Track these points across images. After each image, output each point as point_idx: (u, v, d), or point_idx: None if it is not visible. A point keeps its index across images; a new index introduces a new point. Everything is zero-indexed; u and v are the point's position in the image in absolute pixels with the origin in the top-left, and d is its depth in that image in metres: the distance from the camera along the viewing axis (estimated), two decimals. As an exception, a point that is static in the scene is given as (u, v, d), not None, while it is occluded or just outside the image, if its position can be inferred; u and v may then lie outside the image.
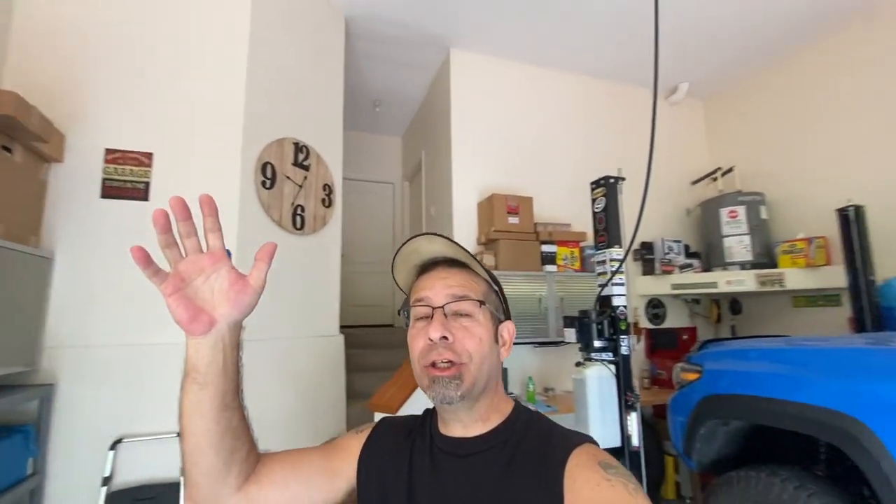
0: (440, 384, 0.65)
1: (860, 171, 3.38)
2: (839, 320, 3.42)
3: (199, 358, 0.57)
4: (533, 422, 0.71)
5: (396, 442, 0.76)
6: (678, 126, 4.65)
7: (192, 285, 0.57)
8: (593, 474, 0.57)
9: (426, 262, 0.76)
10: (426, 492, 0.67)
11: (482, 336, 0.69)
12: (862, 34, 3.41)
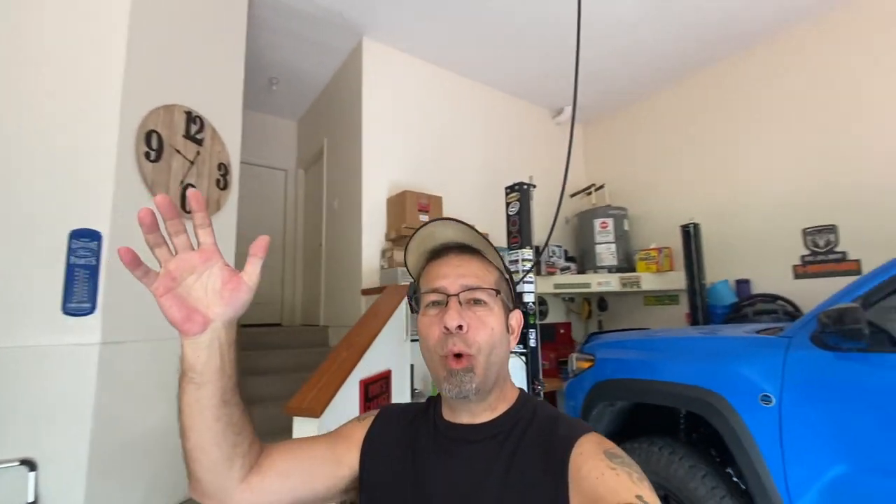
0: (457, 378, 0.64)
1: (699, 196, 4.23)
2: (678, 315, 4.22)
3: (195, 357, 0.56)
4: (539, 409, 0.71)
5: (400, 429, 0.75)
6: (562, 144, 5.21)
7: (184, 284, 0.56)
8: (598, 463, 0.57)
9: (438, 247, 0.74)
10: (433, 477, 0.67)
11: (494, 326, 0.68)
12: (711, 82, 4.27)
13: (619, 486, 0.52)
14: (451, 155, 4.14)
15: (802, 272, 3.57)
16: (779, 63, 3.78)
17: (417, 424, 0.75)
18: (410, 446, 0.72)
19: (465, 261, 0.71)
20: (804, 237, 3.58)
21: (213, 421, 0.58)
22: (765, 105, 3.85)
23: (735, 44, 3.94)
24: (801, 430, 1.69)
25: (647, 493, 0.52)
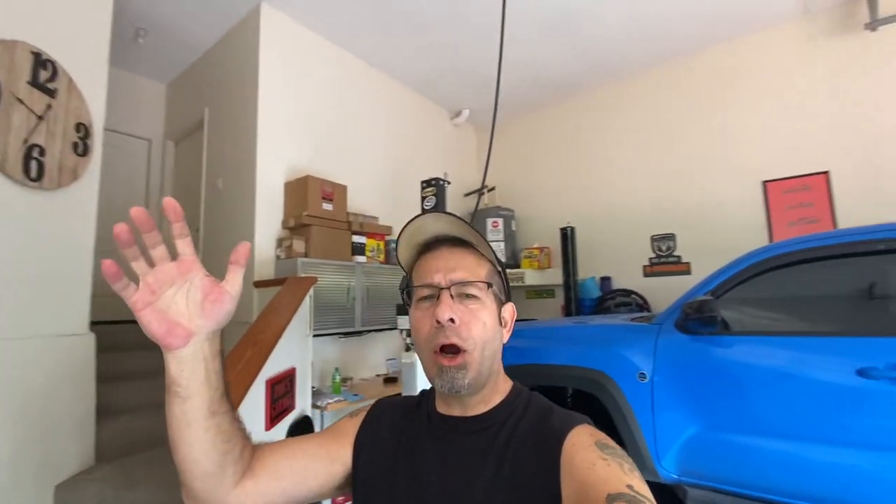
0: (448, 374, 0.65)
1: (576, 202, 4.80)
2: (554, 307, 4.74)
3: (178, 371, 0.55)
4: (532, 401, 0.71)
5: (394, 422, 0.75)
6: (458, 144, 5.43)
7: (164, 297, 0.54)
8: (590, 454, 0.57)
9: (429, 240, 0.73)
10: (426, 470, 0.67)
11: (487, 320, 0.67)
12: (590, 105, 4.87)
13: (609, 475, 0.53)
14: (355, 144, 4.00)
15: (650, 271, 4.33)
16: (641, 96, 4.51)
17: (411, 417, 0.75)
18: (403, 439, 0.72)
19: (456, 254, 0.70)
20: (652, 243, 4.34)
21: (201, 432, 0.57)
22: (629, 130, 4.56)
23: (608, 75, 4.57)
24: (668, 400, 2.07)
25: (637, 483, 0.52)
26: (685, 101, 4.26)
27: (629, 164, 4.53)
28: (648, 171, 4.41)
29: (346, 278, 3.33)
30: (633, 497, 0.49)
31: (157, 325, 0.53)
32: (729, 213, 3.98)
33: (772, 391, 1.87)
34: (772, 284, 2.04)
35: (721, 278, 2.12)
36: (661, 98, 4.40)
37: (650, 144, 4.42)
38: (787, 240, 2.10)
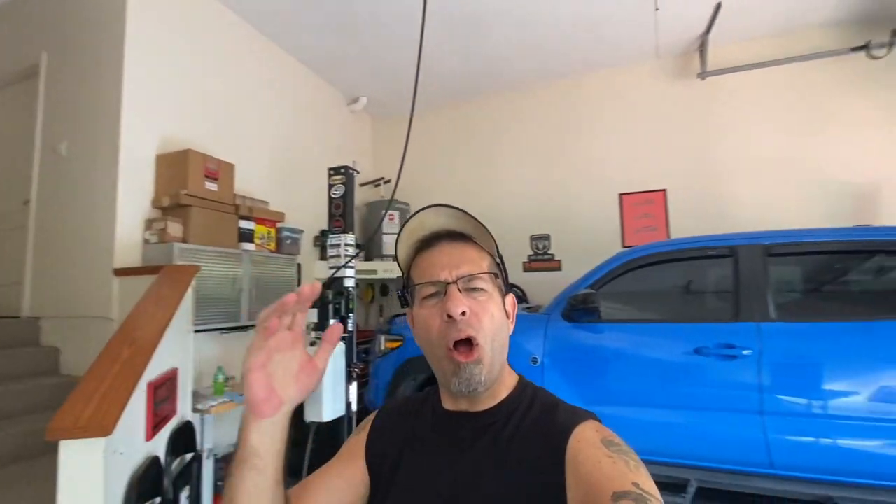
0: (466, 371, 0.63)
1: (466, 201, 5.03)
2: (445, 300, 4.95)
3: (260, 442, 0.56)
4: (538, 396, 0.70)
5: (399, 424, 0.75)
6: (355, 132, 5.29)
7: (272, 362, 0.56)
8: (595, 451, 0.56)
9: (427, 236, 0.72)
10: (433, 467, 0.67)
11: (495, 312, 0.67)
12: (483, 110, 5.14)
13: (615, 473, 0.53)
14: (245, 120, 3.62)
15: (529, 267, 4.80)
16: (530, 109, 4.96)
17: (416, 416, 0.75)
18: (410, 438, 0.72)
19: (458, 248, 0.69)
20: (531, 241, 4.82)
21: (267, 503, 0.58)
22: (518, 139, 4.97)
23: (503, 86, 4.92)
24: (555, 381, 2.36)
25: (643, 480, 0.52)
26: (565, 118, 4.81)
27: (515, 170, 4.95)
28: (531, 178, 4.87)
29: (232, 267, 3.03)
30: (639, 495, 0.49)
31: (260, 389, 0.54)
32: (593, 219, 4.62)
33: (634, 368, 2.27)
34: (635, 280, 2.46)
35: (598, 274, 2.49)
36: (546, 113, 4.89)
37: (535, 154, 4.89)
38: (648, 244, 2.56)
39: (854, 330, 2.02)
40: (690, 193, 4.29)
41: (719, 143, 4.23)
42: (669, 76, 4.46)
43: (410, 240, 0.73)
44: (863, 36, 3.76)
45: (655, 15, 3.84)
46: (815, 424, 1.97)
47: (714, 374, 2.09)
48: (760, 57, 4.07)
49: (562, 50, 4.32)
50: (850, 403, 1.94)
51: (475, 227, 0.70)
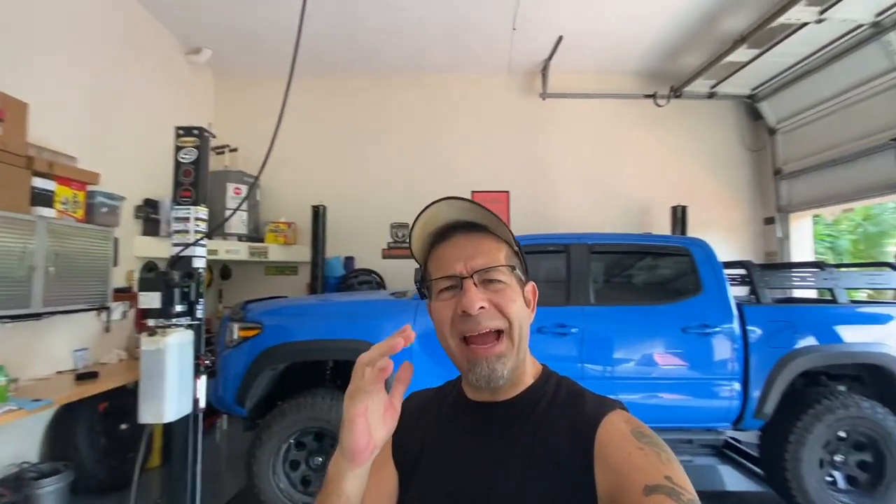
0: (485, 366, 0.62)
1: (329, 181, 4.84)
2: (299, 285, 4.68)
3: (354, 488, 0.55)
4: (563, 385, 0.69)
5: (421, 418, 0.74)
6: (193, 88, 4.54)
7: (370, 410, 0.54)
8: (626, 442, 0.55)
9: (442, 228, 0.69)
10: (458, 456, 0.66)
11: (516, 299, 0.65)
12: (357, 89, 4.94)
13: (646, 465, 0.52)
14: (45, 49, 2.77)
15: (388, 254, 4.89)
16: (404, 98, 5.00)
17: (438, 407, 0.74)
18: (433, 430, 0.71)
19: (473, 240, 0.67)
20: (391, 229, 4.91)
21: None
22: (382, 124, 4.98)
23: (373, 68, 4.85)
24: (422, 362, 2.49)
25: (675, 473, 0.51)
26: (429, 113, 5.01)
27: (380, 156, 4.95)
28: (395, 166, 4.94)
29: (20, 238, 2.34)
30: (672, 489, 0.48)
31: (363, 436, 0.52)
32: (449, 212, 4.95)
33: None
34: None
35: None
36: (413, 105, 5.01)
37: (399, 143, 4.97)
38: (521, 236, 2.88)
39: (640, 312, 2.68)
40: (529, 196, 4.95)
41: (554, 156, 4.99)
42: (518, 91, 5.05)
43: (424, 232, 0.70)
44: (652, 87, 4.89)
45: (512, 34, 4.30)
46: (615, 385, 2.55)
47: (551, 349, 2.52)
48: (586, 89, 4.93)
49: (429, 47, 4.49)
50: (635, 367, 2.57)
51: (489, 218, 0.67)
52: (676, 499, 0.47)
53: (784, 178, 4.81)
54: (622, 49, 4.57)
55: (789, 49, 3.90)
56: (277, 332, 2.50)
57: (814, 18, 3.43)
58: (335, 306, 2.80)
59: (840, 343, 2.68)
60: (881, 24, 3.45)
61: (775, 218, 4.86)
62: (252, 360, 2.45)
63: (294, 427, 2.39)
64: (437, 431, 0.71)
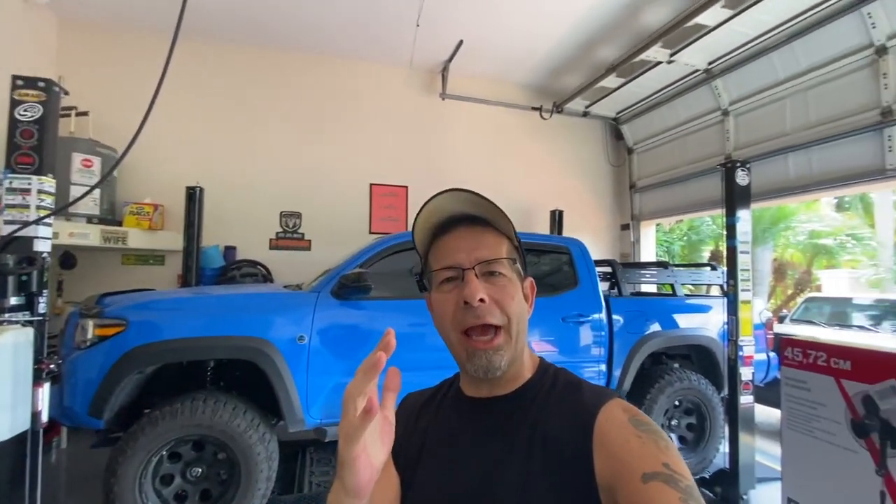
0: (483, 356, 0.63)
1: (208, 161, 4.31)
2: (166, 276, 4.09)
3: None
4: (560, 376, 0.69)
5: (422, 413, 0.74)
6: (30, 32, 3.66)
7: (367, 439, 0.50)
8: (624, 431, 0.56)
9: (444, 220, 0.69)
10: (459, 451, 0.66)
11: (515, 294, 0.66)
12: (255, 61, 4.43)
13: (644, 453, 0.52)
14: None
15: (276, 245, 4.55)
16: (301, 78, 4.67)
17: (437, 406, 0.73)
18: (432, 429, 0.70)
19: (476, 232, 0.68)
20: (280, 218, 4.58)
21: None
22: (277, 103, 4.60)
23: (272, 41, 4.45)
24: (322, 358, 2.40)
25: (673, 460, 0.52)
26: (328, 98, 4.78)
27: (272, 137, 4.57)
28: (288, 151, 4.62)
29: None
30: (670, 475, 0.49)
31: (365, 472, 0.49)
32: (345, 203, 4.80)
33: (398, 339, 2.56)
34: (395, 262, 2.77)
35: (366, 256, 2.66)
36: (311, 88, 4.73)
37: (297, 126, 4.65)
38: (407, 231, 2.90)
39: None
40: (428, 192, 4.93)
41: (451, 155, 5.16)
42: (419, 88, 5.10)
43: (427, 224, 0.69)
44: (539, 100, 5.36)
45: (416, 30, 4.33)
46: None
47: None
48: (482, 95, 5.20)
49: (330, 29, 4.30)
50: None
51: (493, 211, 0.67)
52: (674, 485, 0.48)
53: (637, 191, 5.69)
54: (515, 62, 4.92)
55: (646, 82, 4.63)
56: (147, 330, 2.16)
57: (666, 59, 4.12)
58: (221, 300, 2.51)
59: (677, 328, 3.27)
60: (711, 71, 4.29)
61: (630, 225, 5.72)
62: (113, 363, 2.07)
63: (168, 436, 2.09)
64: (437, 430, 0.70)
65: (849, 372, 1.40)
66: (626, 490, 0.50)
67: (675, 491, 0.48)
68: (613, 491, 0.52)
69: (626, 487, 0.50)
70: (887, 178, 3.20)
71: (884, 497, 1.26)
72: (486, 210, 0.67)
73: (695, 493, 0.49)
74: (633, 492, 0.49)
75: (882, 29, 3.09)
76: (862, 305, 5.50)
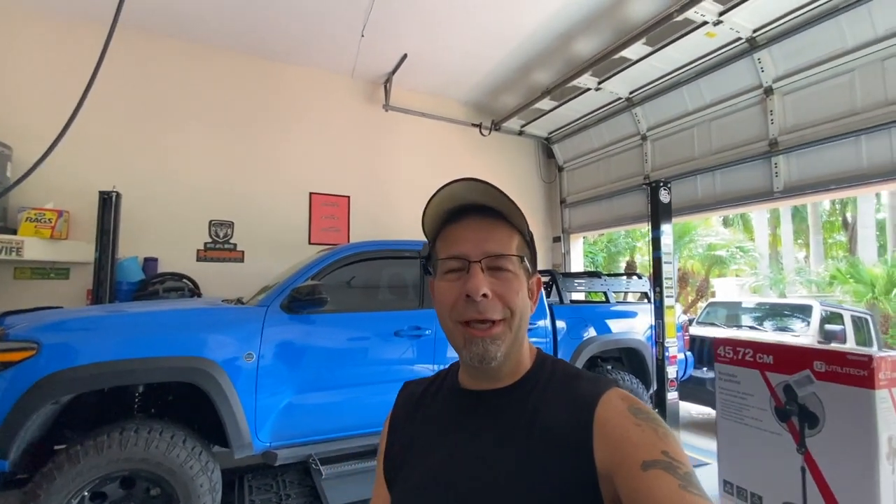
0: (479, 344, 0.62)
1: (125, 165, 3.87)
2: (72, 292, 3.59)
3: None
4: (558, 367, 0.69)
5: (414, 403, 0.75)
6: None
7: None
8: (623, 419, 0.56)
9: (456, 208, 0.68)
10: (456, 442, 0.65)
11: (520, 290, 0.65)
12: (179, 57, 4.05)
13: (644, 441, 0.53)
14: None
15: (204, 256, 4.20)
16: (227, 75, 4.37)
17: (434, 394, 0.74)
18: (426, 420, 0.71)
19: (487, 225, 0.66)
20: (210, 227, 4.24)
21: None
22: (206, 104, 4.27)
23: (203, 36, 4.14)
24: (272, 376, 2.26)
25: (672, 448, 0.52)
26: (264, 102, 4.55)
27: (203, 143, 4.23)
28: (221, 156, 4.30)
29: None
30: (669, 463, 0.50)
31: None
32: (282, 212, 4.58)
33: (347, 353, 2.49)
34: (346, 274, 2.70)
35: (318, 267, 2.57)
36: (245, 89, 4.47)
37: (230, 130, 4.35)
38: (357, 243, 2.85)
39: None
40: (369, 203, 4.98)
41: (395, 166, 5.15)
42: (361, 98, 5.06)
43: (440, 209, 0.67)
44: (479, 117, 5.56)
45: (360, 41, 4.31)
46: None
47: (408, 350, 2.60)
48: (425, 109, 5.28)
49: (267, 30, 4.12)
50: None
51: (507, 205, 0.65)
52: (673, 472, 0.49)
53: (567, 206, 6.09)
54: (457, 79, 5.08)
55: (576, 106, 5.01)
56: (66, 353, 1.88)
57: (594, 86, 4.51)
58: (154, 317, 2.24)
59: (611, 333, 3.54)
60: (632, 100, 4.76)
61: (561, 237, 6.10)
62: (22, 394, 1.78)
63: (92, 474, 1.82)
64: (429, 423, 0.70)
65: (771, 365, 1.63)
66: (625, 478, 0.51)
67: (674, 478, 0.48)
68: (613, 479, 0.53)
69: (626, 475, 0.51)
70: (775, 199, 3.76)
71: (804, 472, 1.48)
72: (500, 203, 0.66)
73: (694, 480, 0.49)
74: (632, 479, 0.50)
75: (769, 73, 3.66)
76: (748, 308, 6.35)
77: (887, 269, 10.60)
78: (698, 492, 0.48)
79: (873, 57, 3.14)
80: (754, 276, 13.03)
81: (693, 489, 0.48)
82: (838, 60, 3.28)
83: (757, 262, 13.39)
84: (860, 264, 11.19)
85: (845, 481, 1.34)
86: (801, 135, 3.54)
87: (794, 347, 1.56)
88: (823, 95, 3.41)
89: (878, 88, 3.12)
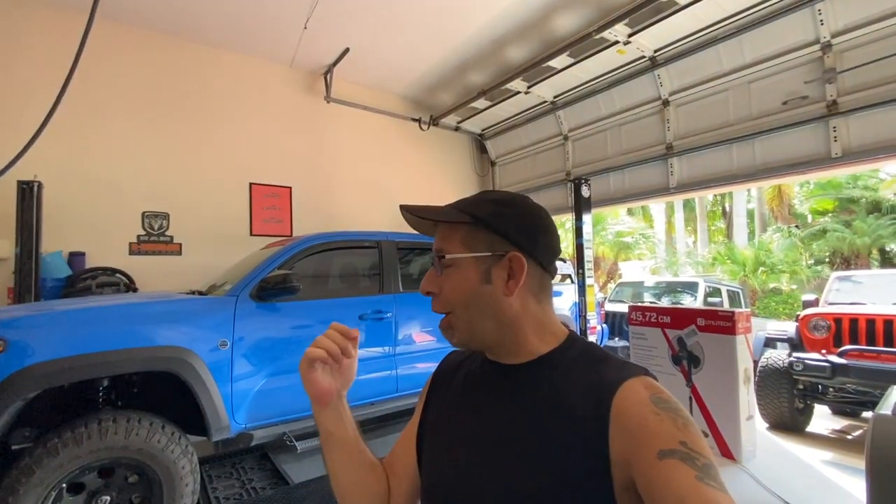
0: (446, 333, 0.70)
1: (46, 152, 3.53)
2: (-13, 291, 3.28)
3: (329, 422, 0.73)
4: (587, 350, 0.68)
5: (451, 372, 0.81)
6: None
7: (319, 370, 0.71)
8: (642, 408, 0.55)
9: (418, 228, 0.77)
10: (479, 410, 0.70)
11: (458, 283, 0.68)
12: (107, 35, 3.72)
13: (662, 430, 0.52)
14: None
15: (137, 249, 4.01)
16: (160, 56, 4.14)
17: (466, 365, 0.79)
18: (460, 384, 0.77)
19: (439, 229, 0.73)
20: (143, 219, 4.05)
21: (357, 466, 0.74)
22: (137, 89, 4.03)
23: (132, 17, 3.87)
24: (245, 361, 2.37)
25: (691, 439, 0.51)
26: (203, 89, 4.39)
27: (134, 130, 4.00)
28: (154, 144, 4.10)
29: None
30: (686, 453, 0.49)
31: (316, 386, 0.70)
32: (221, 203, 4.48)
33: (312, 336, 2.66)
34: (312, 263, 2.86)
35: (285, 257, 2.69)
36: (186, 76, 4.29)
37: (163, 117, 4.15)
38: (321, 234, 3.00)
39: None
40: (311, 193, 5.02)
41: (336, 158, 5.23)
42: (301, 88, 5.05)
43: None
44: (418, 112, 5.80)
45: (302, 32, 4.34)
46: (417, 359, 3.08)
47: (372, 333, 2.83)
48: (366, 102, 5.40)
49: (203, 14, 4.00)
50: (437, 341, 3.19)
51: (433, 212, 0.71)
52: (691, 463, 0.48)
53: (499, 198, 6.58)
54: (398, 75, 5.27)
55: (508, 107, 5.46)
56: (37, 347, 1.86)
57: (524, 90, 4.97)
58: (126, 309, 2.23)
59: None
60: (556, 103, 5.31)
61: (494, 227, 6.59)
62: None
63: (71, 466, 1.84)
64: (458, 390, 0.76)
65: (668, 324, 2.14)
66: (642, 467, 0.51)
67: (691, 469, 0.48)
68: (629, 467, 0.53)
69: (643, 464, 0.51)
70: (671, 193, 4.51)
71: (691, 400, 2.00)
72: (431, 214, 0.72)
73: (712, 472, 0.48)
74: (648, 469, 0.50)
75: (666, 87, 4.35)
76: (649, 287, 7.39)
77: (755, 252, 12.75)
78: (716, 484, 0.47)
79: (743, 80, 3.92)
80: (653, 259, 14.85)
81: (710, 481, 0.47)
82: (717, 81, 4.03)
83: (656, 246, 15.28)
84: (735, 248, 13.30)
85: (717, 400, 1.87)
86: (691, 140, 4.29)
87: (685, 309, 2.09)
88: (706, 109, 4.17)
89: (745, 106, 3.91)
